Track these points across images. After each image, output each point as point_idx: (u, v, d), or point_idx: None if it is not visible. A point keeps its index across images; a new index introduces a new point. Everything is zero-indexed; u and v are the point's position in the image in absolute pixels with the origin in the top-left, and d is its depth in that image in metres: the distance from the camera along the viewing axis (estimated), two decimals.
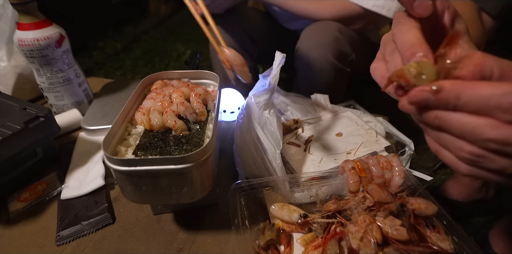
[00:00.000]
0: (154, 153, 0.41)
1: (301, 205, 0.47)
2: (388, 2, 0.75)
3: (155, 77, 0.56)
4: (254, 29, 0.99)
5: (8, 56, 0.77)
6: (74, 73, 0.71)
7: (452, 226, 0.38)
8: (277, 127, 0.50)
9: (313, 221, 0.41)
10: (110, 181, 0.56)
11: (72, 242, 0.47)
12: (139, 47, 2.11)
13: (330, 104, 0.67)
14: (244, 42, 0.99)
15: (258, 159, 0.50)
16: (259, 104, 0.51)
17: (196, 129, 0.46)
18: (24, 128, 0.52)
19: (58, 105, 0.73)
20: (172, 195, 0.39)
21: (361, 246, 0.34)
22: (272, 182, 0.47)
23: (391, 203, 0.39)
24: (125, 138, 0.45)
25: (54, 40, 0.64)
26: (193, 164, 0.36)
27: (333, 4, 0.79)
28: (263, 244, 0.40)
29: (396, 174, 0.42)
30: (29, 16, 0.62)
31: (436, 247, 0.36)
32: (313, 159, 0.55)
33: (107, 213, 0.50)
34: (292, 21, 0.99)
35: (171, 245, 0.46)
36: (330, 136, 0.60)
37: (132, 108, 0.49)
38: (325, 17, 0.80)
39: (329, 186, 0.47)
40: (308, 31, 0.81)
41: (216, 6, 0.88)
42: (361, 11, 0.78)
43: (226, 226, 0.48)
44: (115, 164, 0.36)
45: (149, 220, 0.50)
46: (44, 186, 0.55)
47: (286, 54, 0.49)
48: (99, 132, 0.67)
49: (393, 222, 0.35)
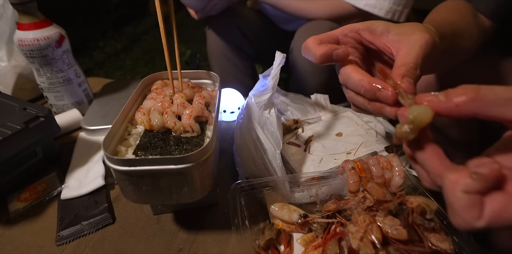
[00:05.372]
0: (154, 153, 0.41)
1: (301, 205, 0.46)
2: (380, 2, 0.75)
3: (155, 77, 0.56)
4: (250, 28, 0.99)
5: (8, 56, 0.77)
6: (74, 73, 0.71)
7: (452, 226, 0.38)
8: (277, 127, 0.50)
9: (313, 221, 0.41)
10: (110, 181, 0.56)
11: (72, 242, 0.47)
12: (139, 47, 2.11)
13: (330, 104, 0.67)
14: (240, 42, 1.00)
15: (258, 159, 0.50)
16: (259, 104, 0.51)
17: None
18: (24, 127, 0.52)
19: (58, 105, 0.73)
20: (172, 195, 0.39)
21: (361, 246, 0.34)
22: (272, 182, 0.47)
23: (390, 201, 0.39)
24: (125, 137, 0.45)
25: (54, 40, 0.64)
26: (193, 164, 0.36)
27: (326, 3, 0.80)
28: (263, 244, 0.40)
29: (396, 174, 0.42)
30: (29, 16, 0.62)
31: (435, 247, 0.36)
32: (313, 159, 0.55)
33: (107, 213, 0.50)
34: (287, 23, 1.00)
35: (171, 245, 0.46)
36: (330, 136, 0.60)
37: (132, 108, 0.49)
38: (318, 16, 0.81)
39: (329, 186, 0.47)
40: (301, 31, 0.81)
41: (212, 8, 0.89)
42: (354, 10, 0.79)
43: (226, 226, 0.48)
44: (115, 164, 0.36)
45: (149, 220, 0.50)
46: (44, 186, 0.55)
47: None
48: (99, 132, 0.67)
49: (393, 221, 0.35)
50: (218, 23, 0.96)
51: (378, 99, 0.30)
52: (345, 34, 0.37)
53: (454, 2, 0.51)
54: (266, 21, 1.03)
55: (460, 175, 0.21)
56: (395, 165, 0.43)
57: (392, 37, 0.34)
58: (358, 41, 0.37)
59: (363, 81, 0.31)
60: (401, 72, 0.30)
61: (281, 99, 0.67)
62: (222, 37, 0.98)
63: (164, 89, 0.51)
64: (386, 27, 0.35)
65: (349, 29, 0.37)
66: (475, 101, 0.22)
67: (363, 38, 0.37)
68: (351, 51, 0.37)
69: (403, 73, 0.30)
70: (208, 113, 0.48)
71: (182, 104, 0.46)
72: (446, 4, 0.51)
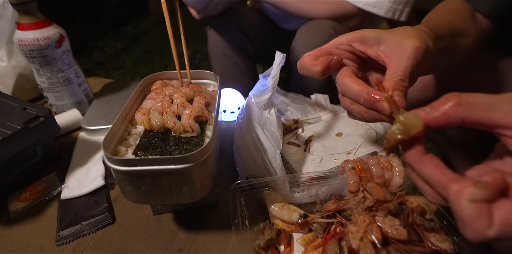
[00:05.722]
0: (154, 153, 0.41)
1: (301, 205, 0.46)
2: (379, 1, 0.75)
3: (155, 77, 0.56)
4: (251, 28, 0.99)
5: (8, 56, 0.77)
6: (74, 73, 0.71)
7: (452, 226, 0.38)
8: (277, 127, 0.50)
9: (313, 221, 0.41)
10: (110, 181, 0.56)
11: (72, 242, 0.47)
12: (139, 47, 2.11)
13: (330, 104, 0.67)
14: (241, 41, 1.00)
15: (258, 159, 0.50)
16: (259, 104, 0.51)
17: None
18: (24, 127, 0.52)
19: (58, 105, 0.73)
20: (172, 195, 0.39)
21: (361, 246, 0.34)
22: (272, 182, 0.47)
23: (390, 201, 0.39)
24: (125, 137, 0.45)
25: (54, 40, 0.64)
26: (193, 164, 0.36)
27: (326, 3, 0.80)
28: (263, 244, 0.40)
29: (396, 174, 0.42)
30: (29, 16, 0.62)
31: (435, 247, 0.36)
32: (313, 159, 0.55)
33: (107, 213, 0.50)
34: (288, 22, 1.00)
35: (171, 245, 0.46)
36: (330, 136, 0.60)
37: (132, 108, 0.49)
38: (319, 16, 0.81)
39: (329, 186, 0.47)
40: (302, 30, 0.81)
41: (213, 7, 0.89)
42: (354, 10, 0.79)
43: (226, 226, 0.48)
44: (115, 164, 0.36)
45: (149, 220, 0.50)
46: (44, 186, 0.55)
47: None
48: (99, 132, 0.67)
49: (393, 221, 0.35)
50: (219, 22, 0.96)
51: (375, 108, 0.32)
52: (337, 47, 0.38)
53: (453, 2, 0.51)
54: (266, 21, 1.03)
55: (463, 185, 0.21)
56: (395, 165, 0.43)
57: (383, 48, 0.35)
58: (350, 52, 0.38)
59: (362, 91, 0.33)
60: (391, 85, 0.32)
61: (281, 99, 0.67)
62: (223, 36, 0.98)
63: (164, 89, 0.51)
64: (377, 37, 0.36)
65: (340, 42, 0.38)
66: (460, 106, 0.23)
67: (355, 49, 0.38)
68: (345, 61, 0.39)
69: (393, 86, 0.31)
70: (208, 113, 0.48)
71: (182, 104, 0.46)
72: (444, 4, 0.51)
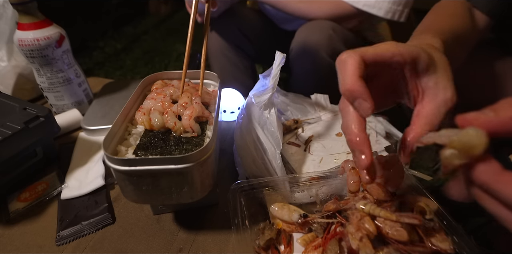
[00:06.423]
0: (154, 152, 0.41)
1: (301, 205, 0.46)
2: (378, 2, 0.75)
3: (155, 77, 0.56)
4: (250, 28, 0.99)
5: (8, 56, 0.77)
6: (74, 73, 0.71)
7: (452, 226, 0.38)
8: (277, 127, 0.50)
9: (313, 221, 0.41)
10: (110, 181, 0.56)
11: (72, 242, 0.47)
12: (139, 47, 2.11)
13: (330, 104, 0.67)
14: (240, 42, 1.00)
15: (258, 159, 0.50)
16: (259, 104, 0.51)
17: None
18: (24, 127, 0.52)
19: (58, 105, 0.73)
20: (172, 195, 0.39)
21: (361, 246, 0.34)
22: (272, 182, 0.47)
23: (390, 201, 0.39)
24: (125, 137, 0.45)
25: (54, 40, 0.64)
26: (193, 164, 0.36)
27: (325, 3, 0.80)
28: (263, 244, 0.40)
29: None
30: (29, 16, 0.62)
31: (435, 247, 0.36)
32: (313, 159, 0.55)
33: (107, 213, 0.50)
34: (287, 22, 1.00)
35: (171, 245, 0.46)
36: (330, 136, 0.60)
37: (132, 108, 0.49)
38: (318, 16, 0.81)
39: (329, 186, 0.47)
40: (301, 30, 0.81)
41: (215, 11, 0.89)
42: (353, 11, 0.79)
43: (226, 226, 0.48)
44: (116, 163, 0.36)
45: (149, 220, 0.50)
46: (44, 186, 0.55)
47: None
48: (99, 132, 0.67)
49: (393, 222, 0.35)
50: (218, 23, 0.96)
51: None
52: (389, 64, 0.32)
53: (452, 2, 0.51)
54: (266, 21, 1.03)
55: None
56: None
57: (427, 84, 0.32)
58: (394, 69, 0.33)
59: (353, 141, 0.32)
60: (422, 131, 0.31)
61: (281, 99, 0.67)
62: (222, 36, 0.98)
63: (164, 89, 0.51)
64: (427, 66, 0.31)
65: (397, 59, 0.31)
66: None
67: (402, 73, 0.33)
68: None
69: (423, 133, 0.31)
70: (208, 114, 0.48)
71: (183, 104, 0.46)
72: (444, 5, 0.51)
